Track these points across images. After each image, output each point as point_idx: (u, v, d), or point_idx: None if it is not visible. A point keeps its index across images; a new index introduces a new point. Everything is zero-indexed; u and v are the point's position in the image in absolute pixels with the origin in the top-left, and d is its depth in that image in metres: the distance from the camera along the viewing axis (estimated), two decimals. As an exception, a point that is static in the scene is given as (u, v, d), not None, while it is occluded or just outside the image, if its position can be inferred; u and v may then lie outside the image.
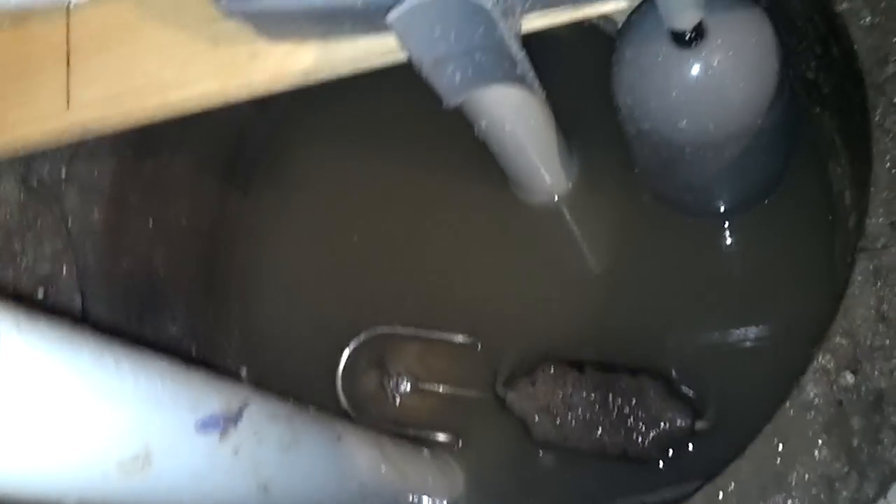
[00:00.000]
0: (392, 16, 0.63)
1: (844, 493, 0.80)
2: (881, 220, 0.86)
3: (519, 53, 0.71)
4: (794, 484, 0.82)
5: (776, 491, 0.82)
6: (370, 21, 0.75)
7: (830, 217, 1.21)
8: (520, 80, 0.75)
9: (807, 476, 0.82)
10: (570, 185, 1.45)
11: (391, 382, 1.41)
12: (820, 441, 0.82)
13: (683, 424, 1.23)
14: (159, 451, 0.61)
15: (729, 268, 1.36)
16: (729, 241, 1.35)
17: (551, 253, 1.47)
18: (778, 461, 0.83)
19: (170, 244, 1.44)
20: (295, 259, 1.60)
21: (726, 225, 1.35)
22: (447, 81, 0.75)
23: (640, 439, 1.24)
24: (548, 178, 1.42)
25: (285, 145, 1.67)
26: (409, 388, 1.41)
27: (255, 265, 1.61)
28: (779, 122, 1.11)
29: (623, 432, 1.24)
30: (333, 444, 0.89)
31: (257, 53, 0.89)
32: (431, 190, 1.53)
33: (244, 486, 0.73)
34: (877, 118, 0.88)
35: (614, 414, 1.25)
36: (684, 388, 1.27)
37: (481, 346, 1.40)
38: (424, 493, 1.14)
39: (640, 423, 1.24)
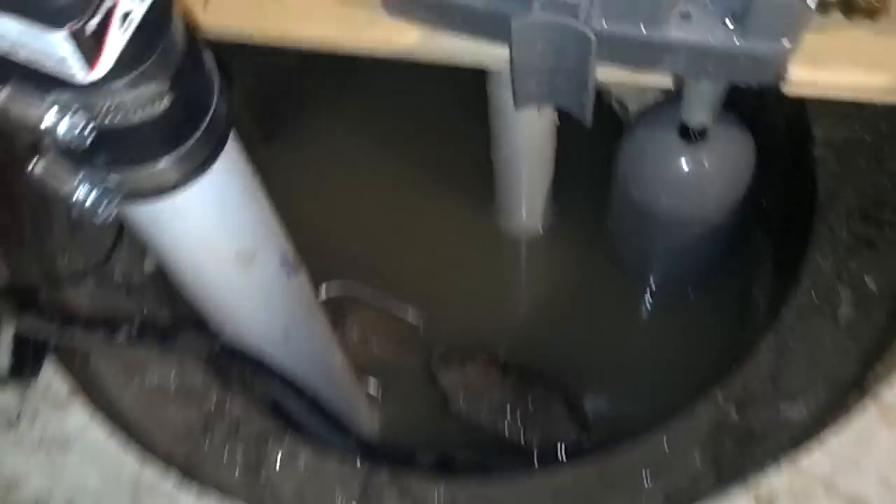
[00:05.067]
0: (515, 24, 0.87)
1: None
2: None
3: (592, 85, 0.94)
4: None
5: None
6: (480, 24, 0.97)
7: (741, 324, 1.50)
8: (578, 108, 0.98)
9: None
10: (540, 229, 1.73)
11: (342, 329, 1.62)
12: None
13: (570, 439, 1.48)
14: (261, 256, 0.83)
15: (649, 332, 1.64)
16: (649, 313, 1.64)
17: (505, 273, 1.74)
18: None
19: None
20: (294, 203, 1.79)
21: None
22: (525, 89, 0.99)
23: (533, 437, 1.49)
24: (524, 214, 1.69)
25: (314, 109, 1.90)
26: (355, 338, 1.62)
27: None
28: (731, 227, 1.39)
29: (522, 428, 1.49)
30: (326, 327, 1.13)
31: (374, 22, 1.09)
32: (426, 187, 1.79)
33: (280, 323, 0.95)
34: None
35: (520, 413, 1.50)
36: (586, 406, 1.54)
37: (424, 327, 1.63)
38: (351, 404, 1.35)
39: (538, 427, 1.49)
